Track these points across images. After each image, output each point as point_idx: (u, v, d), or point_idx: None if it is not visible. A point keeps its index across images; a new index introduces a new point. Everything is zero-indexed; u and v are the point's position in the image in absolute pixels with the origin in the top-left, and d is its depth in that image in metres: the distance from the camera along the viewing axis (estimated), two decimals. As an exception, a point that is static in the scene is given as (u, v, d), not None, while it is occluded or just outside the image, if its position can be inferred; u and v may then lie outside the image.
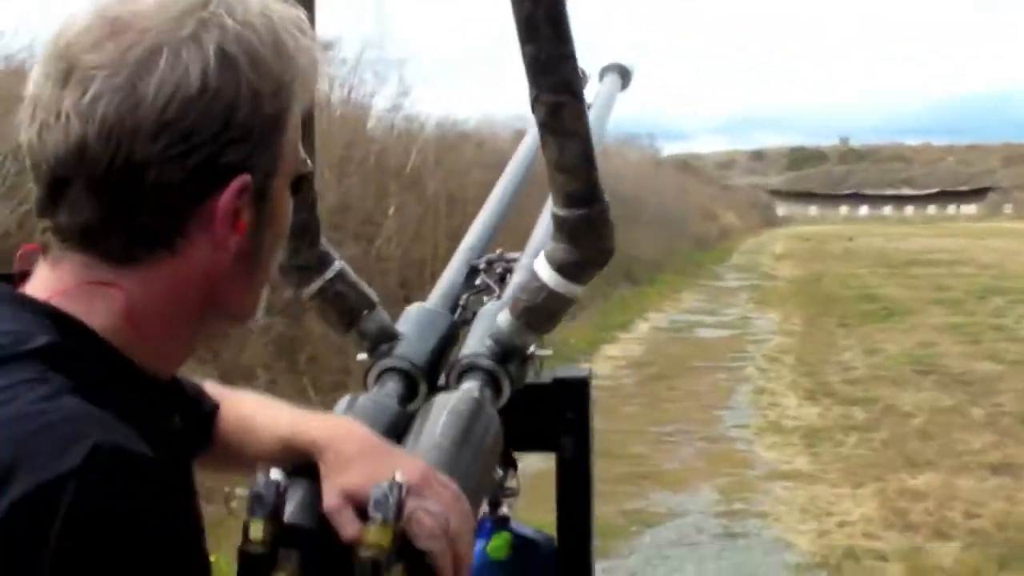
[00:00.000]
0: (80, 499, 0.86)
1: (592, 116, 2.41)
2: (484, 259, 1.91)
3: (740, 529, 6.45)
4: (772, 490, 7.28)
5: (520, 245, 1.87)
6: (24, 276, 1.06)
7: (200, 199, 1.01)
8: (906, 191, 66.53)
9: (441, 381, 1.61)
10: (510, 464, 1.87)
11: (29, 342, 0.96)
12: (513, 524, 1.89)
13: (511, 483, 1.87)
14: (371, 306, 1.66)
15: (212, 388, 1.39)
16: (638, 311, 18.06)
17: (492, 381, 1.58)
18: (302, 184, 1.16)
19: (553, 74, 1.41)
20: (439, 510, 1.17)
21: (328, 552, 1.18)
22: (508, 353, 1.61)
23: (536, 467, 2.12)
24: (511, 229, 2.11)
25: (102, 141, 0.97)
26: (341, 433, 1.28)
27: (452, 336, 1.68)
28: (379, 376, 1.59)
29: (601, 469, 6.20)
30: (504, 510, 1.89)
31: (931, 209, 59.30)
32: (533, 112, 1.44)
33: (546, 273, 1.57)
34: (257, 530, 1.12)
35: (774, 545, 6.16)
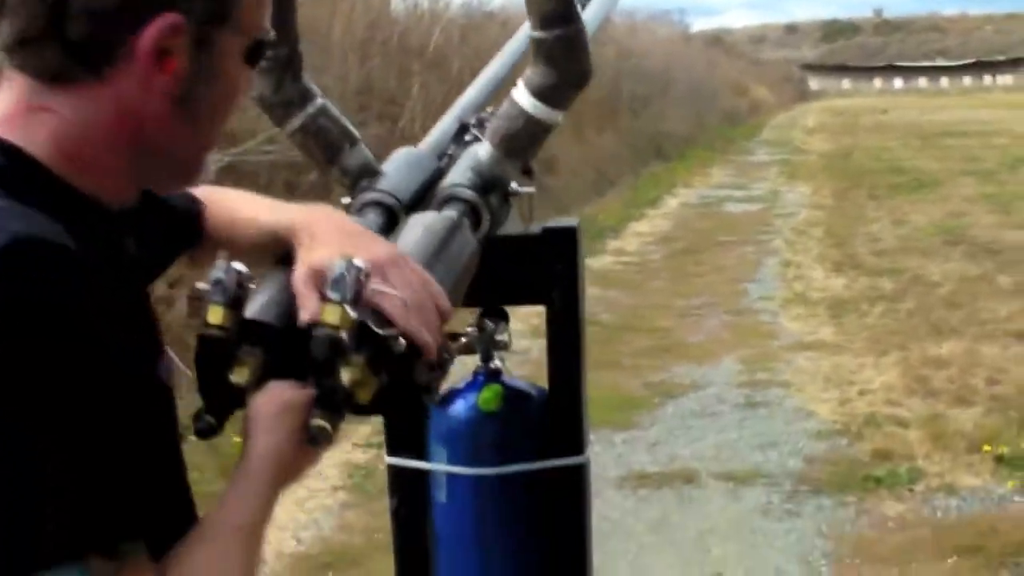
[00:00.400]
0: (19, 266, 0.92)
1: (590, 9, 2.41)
2: (475, 117, 1.90)
3: (762, 399, 6.49)
4: (795, 360, 7.29)
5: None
6: None
7: (129, 29, 1.03)
8: (941, 62, 65.48)
9: (422, 214, 1.61)
10: (502, 318, 1.88)
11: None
12: (504, 377, 1.91)
13: (502, 336, 1.88)
14: (353, 141, 1.67)
15: (202, 190, 1.45)
16: (667, 187, 17.97)
17: (472, 211, 1.59)
18: (258, 53, 1.16)
19: None
20: (405, 294, 1.19)
21: (296, 355, 1.20)
22: (489, 184, 1.62)
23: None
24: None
25: None
26: (319, 216, 1.33)
27: (436, 178, 1.68)
28: (360, 209, 1.59)
29: (626, 343, 6.27)
30: (496, 363, 1.91)
31: (967, 80, 58.35)
32: None
33: (524, 99, 1.57)
34: (216, 315, 1.16)
35: (795, 414, 6.19)
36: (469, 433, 1.86)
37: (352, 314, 1.13)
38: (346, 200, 1.66)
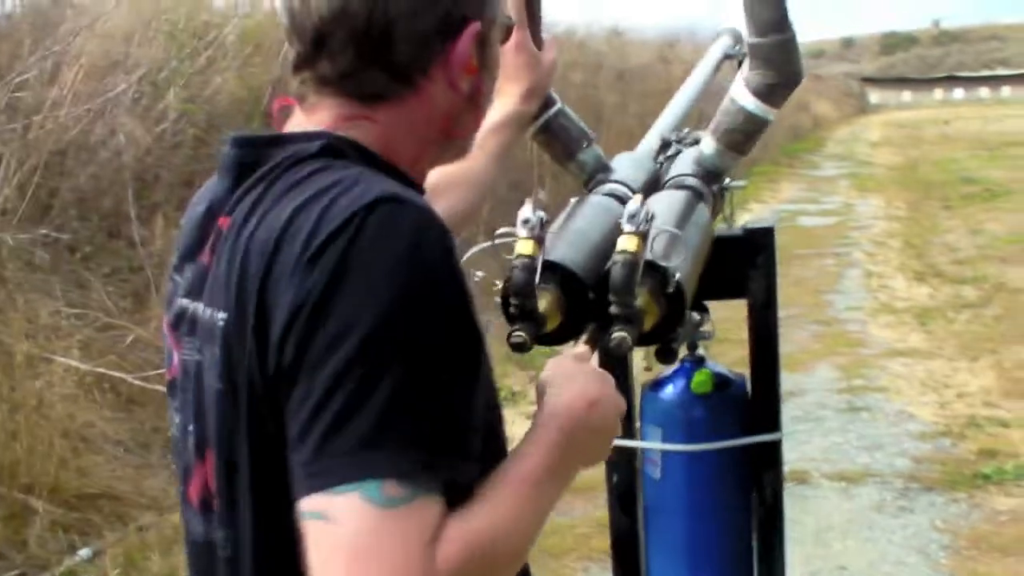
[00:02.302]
0: (375, 231, 1.09)
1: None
2: (675, 133, 2.16)
3: (862, 403, 6.66)
4: (889, 366, 7.45)
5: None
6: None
7: (441, 44, 1.24)
8: (1002, 71, 64.99)
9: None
10: (704, 310, 2.13)
11: (310, 149, 1.21)
12: (709, 364, 2.16)
13: (706, 327, 2.13)
14: (589, 140, 1.94)
15: None
16: (739, 203, 17.89)
17: (698, 196, 1.85)
18: (510, 33, 1.42)
19: None
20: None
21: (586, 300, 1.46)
22: (711, 174, 1.89)
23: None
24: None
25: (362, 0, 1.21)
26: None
27: (657, 178, 1.94)
28: (602, 197, 1.85)
29: (718, 354, 6.45)
30: (700, 351, 2.16)
31: (1028, 89, 57.85)
32: None
33: (744, 97, 1.83)
34: (526, 247, 1.40)
35: (897, 416, 6.37)
36: (683, 414, 2.10)
37: (643, 247, 1.39)
38: (574, 199, 1.92)
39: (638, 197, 1.42)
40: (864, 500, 5.23)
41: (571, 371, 1.31)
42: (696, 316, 2.11)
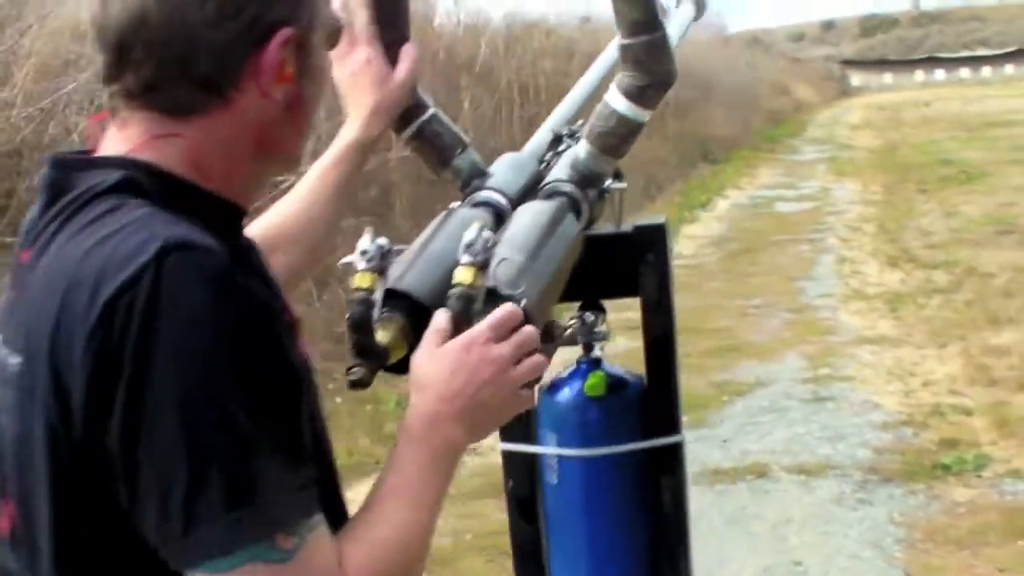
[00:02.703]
0: (159, 287, 1.04)
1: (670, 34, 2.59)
2: (567, 128, 2.06)
3: (827, 393, 6.59)
4: (857, 355, 7.39)
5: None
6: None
7: (248, 53, 1.16)
8: (982, 51, 64.91)
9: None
10: (600, 311, 2.03)
11: (107, 181, 1.14)
12: (605, 365, 2.06)
13: (601, 327, 2.03)
14: (463, 145, 1.84)
15: None
16: (717, 189, 18.05)
17: (573, 203, 1.75)
18: (336, 38, 1.32)
19: None
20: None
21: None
22: (587, 179, 1.79)
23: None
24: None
25: (160, 9, 1.13)
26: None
27: (538, 179, 1.84)
28: (473, 206, 1.76)
29: (689, 343, 6.40)
30: (597, 352, 2.06)
31: (1009, 69, 57.78)
32: None
33: (617, 100, 1.74)
34: (363, 279, 1.32)
35: (861, 406, 6.30)
36: (578, 417, 2.00)
37: (481, 278, 1.31)
38: (454, 204, 1.82)
39: (476, 224, 1.33)
40: (823, 493, 5.15)
41: (429, 370, 1.27)
42: (591, 316, 2.02)
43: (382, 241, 1.34)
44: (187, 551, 1.05)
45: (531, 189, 1.82)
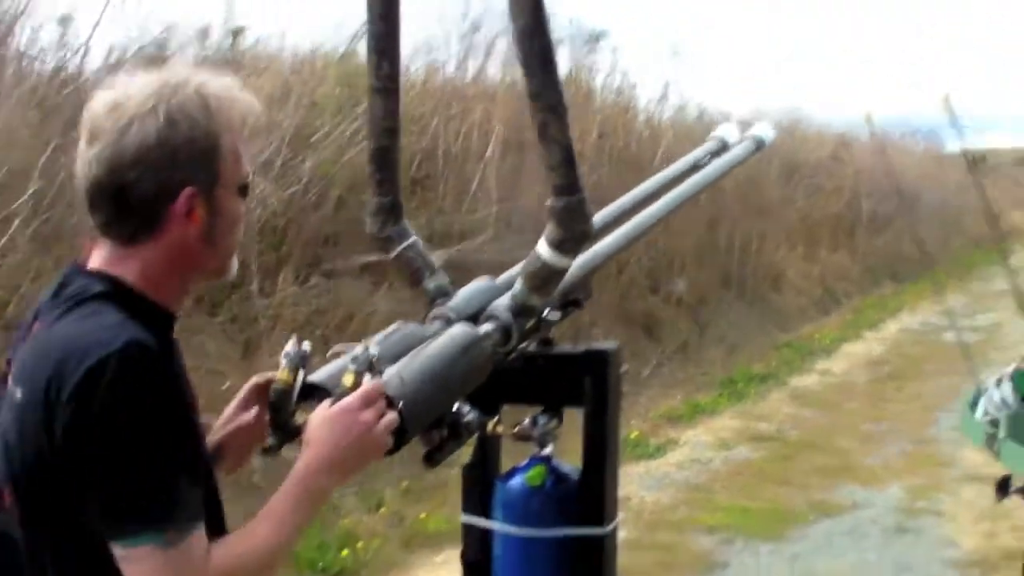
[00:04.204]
0: (119, 367, 1.61)
1: (720, 162, 3.09)
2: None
3: (912, 525, 6.79)
4: (960, 491, 7.52)
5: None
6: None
7: (166, 204, 1.75)
8: None
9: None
10: (556, 415, 2.47)
11: (93, 290, 1.75)
12: (554, 461, 2.49)
13: (554, 428, 2.47)
14: (433, 270, 2.34)
15: None
16: (892, 310, 18.02)
17: (503, 328, 2.21)
18: (246, 190, 1.85)
19: (541, 97, 2.01)
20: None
21: None
22: (519, 310, 2.24)
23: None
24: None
25: (106, 175, 1.75)
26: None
27: (490, 301, 2.30)
28: (431, 319, 2.24)
29: (804, 460, 6.88)
30: (547, 450, 2.49)
31: None
32: (533, 123, 2.04)
33: (543, 249, 2.18)
34: (284, 375, 1.87)
35: (939, 542, 6.48)
36: (520, 501, 2.45)
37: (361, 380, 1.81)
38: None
39: (362, 345, 1.86)
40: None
41: (318, 432, 1.79)
42: (543, 419, 2.46)
43: (304, 347, 1.88)
44: (112, 528, 1.63)
45: (480, 311, 2.28)
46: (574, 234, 2.15)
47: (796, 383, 11.48)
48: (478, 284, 2.40)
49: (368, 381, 1.81)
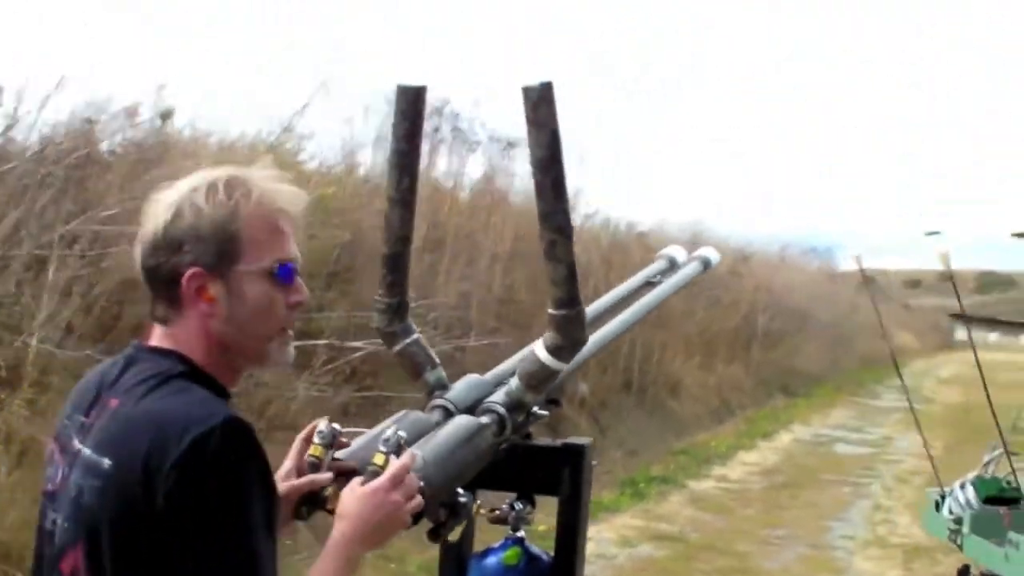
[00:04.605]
0: (223, 439, 1.75)
1: (671, 281, 3.38)
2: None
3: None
4: (852, 599, 7.87)
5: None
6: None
7: (178, 284, 1.87)
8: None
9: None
10: (530, 501, 2.72)
11: (176, 369, 1.86)
12: (526, 543, 2.73)
13: (527, 514, 2.72)
14: (434, 364, 2.59)
15: None
16: (785, 422, 18.52)
17: (499, 420, 2.46)
18: (281, 273, 1.94)
19: (551, 220, 2.29)
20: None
21: None
22: (515, 405, 2.50)
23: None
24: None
25: (141, 260, 1.88)
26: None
27: (486, 395, 2.55)
28: (432, 410, 2.49)
29: (705, 562, 7.29)
30: (520, 533, 2.74)
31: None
32: (541, 242, 2.32)
33: (541, 352, 2.44)
34: (316, 450, 2.11)
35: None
36: (494, 579, 2.69)
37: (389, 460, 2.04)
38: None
39: (392, 427, 2.11)
40: None
41: (352, 507, 1.98)
42: (520, 505, 2.71)
43: (335, 426, 2.13)
44: None
45: (477, 403, 2.54)
46: (571, 341, 2.43)
47: (694, 487, 11.83)
48: (470, 379, 2.65)
49: (395, 461, 2.04)
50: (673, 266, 3.50)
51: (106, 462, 1.80)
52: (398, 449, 2.06)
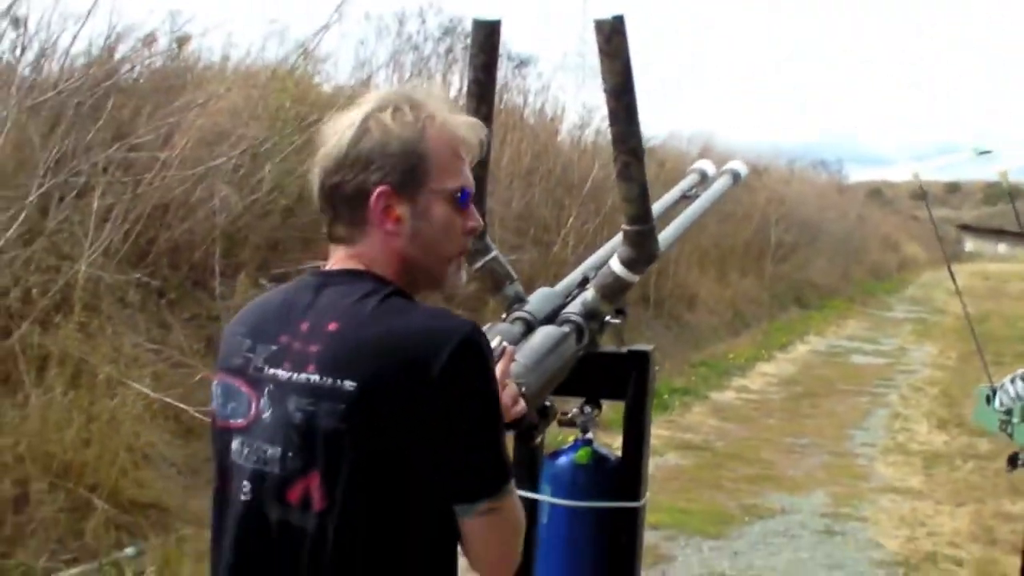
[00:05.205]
0: (478, 345, 1.79)
1: (703, 199, 3.54)
2: (594, 272, 2.96)
3: (839, 529, 7.31)
4: (879, 501, 8.09)
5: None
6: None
7: (364, 202, 1.86)
8: (1105, 236, 64.26)
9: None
10: (597, 405, 2.90)
11: (384, 289, 1.85)
12: (595, 444, 2.92)
13: (595, 416, 2.90)
14: (512, 279, 2.75)
15: None
16: (800, 333, 18.71)
17: (578, 330, 2.64)
18: (457, 200, 1.94)
19: (625, 143, 2.45)
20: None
21: None
22: (590, 314, 2.67)
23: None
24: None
25: (321, 179, 1.87)
26: None
27: (561, 307, 2.72)
28: (512, 321, 2.65)
29: (731, 469, 7.54)
30: (589, 435, 2.92)
31: None
32: (615, 164, 2.47)
33: (616, 266, 2.62)
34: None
35: (866, 544, 7.01)
36: (567, 477, 2.87)
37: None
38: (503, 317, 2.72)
39: (497, 338, 2.21)
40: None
41: None
42: (588, 409, 2.89)
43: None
44: (487, 486, 1.81)
45: (554, 314, 2.71)
46: (645, 255, 2.61)
47: (716, 398, 12.05)
48: (544, 291, 2.82)
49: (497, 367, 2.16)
50: (704, 179, 3.66)
51: (348, 384, 1.78)
52: (499, 356, 2.21)
